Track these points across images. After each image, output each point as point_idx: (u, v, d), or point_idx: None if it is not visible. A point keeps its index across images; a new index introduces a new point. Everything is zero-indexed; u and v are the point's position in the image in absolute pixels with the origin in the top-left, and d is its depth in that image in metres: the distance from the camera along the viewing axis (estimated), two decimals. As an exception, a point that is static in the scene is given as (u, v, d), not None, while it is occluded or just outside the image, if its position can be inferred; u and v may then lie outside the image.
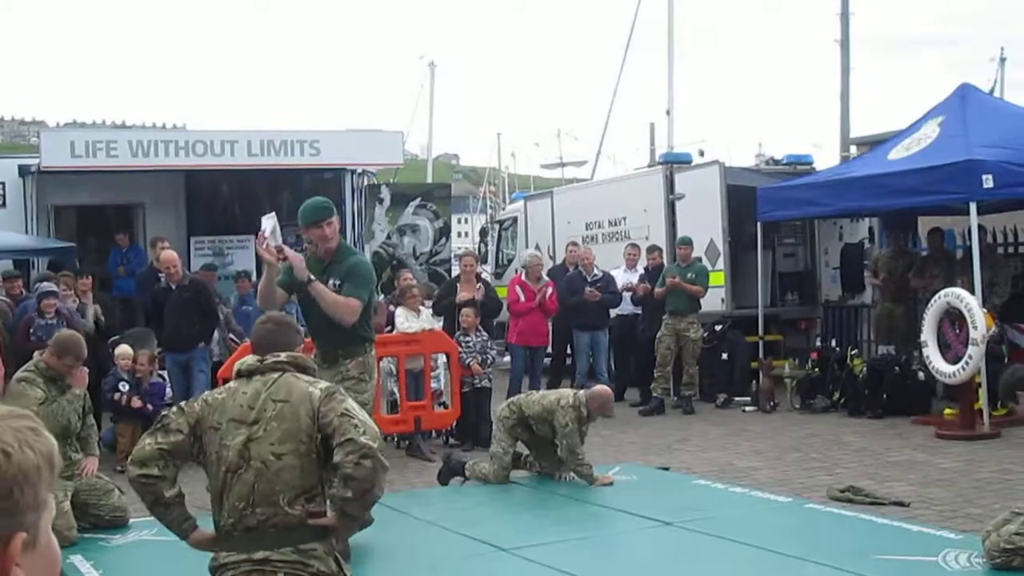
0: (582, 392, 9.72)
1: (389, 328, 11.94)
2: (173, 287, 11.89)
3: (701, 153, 18.15)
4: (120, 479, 9.60)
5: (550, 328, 14.46)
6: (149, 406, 11.46)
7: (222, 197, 18.77)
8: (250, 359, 4.72)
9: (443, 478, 9.98)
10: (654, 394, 14.48)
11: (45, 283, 11.98)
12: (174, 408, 4.78)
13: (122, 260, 16.62)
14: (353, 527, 4.92)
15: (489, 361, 12.33)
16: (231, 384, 4.72)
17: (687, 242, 14.66)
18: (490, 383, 12.39)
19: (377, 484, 4.43)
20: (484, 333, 12.41)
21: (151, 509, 4.67)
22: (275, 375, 4.60)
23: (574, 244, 16.43)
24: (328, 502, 4.56)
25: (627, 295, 15.20)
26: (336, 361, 7.28)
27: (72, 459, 8.36)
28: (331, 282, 7.28)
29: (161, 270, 13.27)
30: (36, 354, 8.63)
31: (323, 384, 4.61)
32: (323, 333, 7.40)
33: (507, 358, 13.71)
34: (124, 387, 11.21)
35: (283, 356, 4.68)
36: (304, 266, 7.26)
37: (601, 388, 10.07)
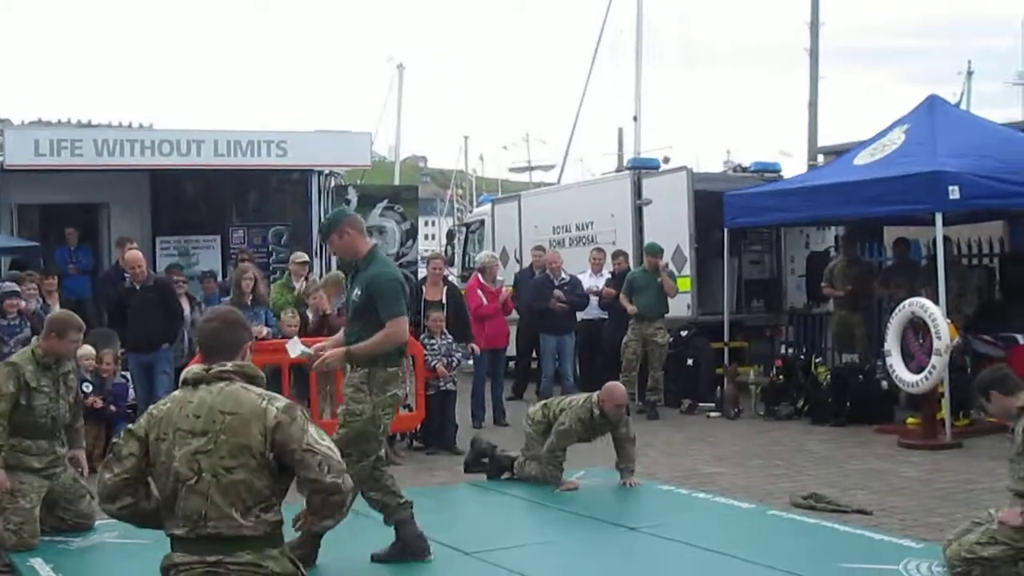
0: (596, 392, 9.72)
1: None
2: (138, 287, 11.81)
3: (666, 160, 18.22)
4: (88, 482, 9.50)
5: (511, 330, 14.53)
6: (112, 407, 11.39)
7: (188, 197, 18.65)
8: (196, 368, 4.61)
9: (470, 465, 10.38)
10: (648, 399, 14.50)
11: (7, 283, 11.86)
12: (122, 433, 4.68)
13: (71, 258, 16.47)
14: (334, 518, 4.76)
15: (455, 364, 12.31)
16: (176, 393, 4.62)
17: (657, 251, 14.61)
18: (455, 386, 12.38)
19: (346, 508, 4.51)
20: (449, 336, 12.37)
21: (146, 527, 4.65)
22: (222, 384, 4.49)
23: (539, 248, 16.48)
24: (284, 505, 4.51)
25: (593, 300, 15.22)
26: (352, 367, 7.17)
27: (57, 455, 8.20)
28: (355, 292, 7.18)
29: (126, 270, 13.19)
30: (33, 340, 8.48)
31: (279, 403, 4.46)
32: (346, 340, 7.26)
33: (471, 361, 13.67)
34: (87, 387, 11.10)
35: (229, 366, 4.54)
36: (339, 355, 7.15)
37: (612, 383, 9.94)
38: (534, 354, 16.06)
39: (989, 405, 6.75)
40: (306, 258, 13.69)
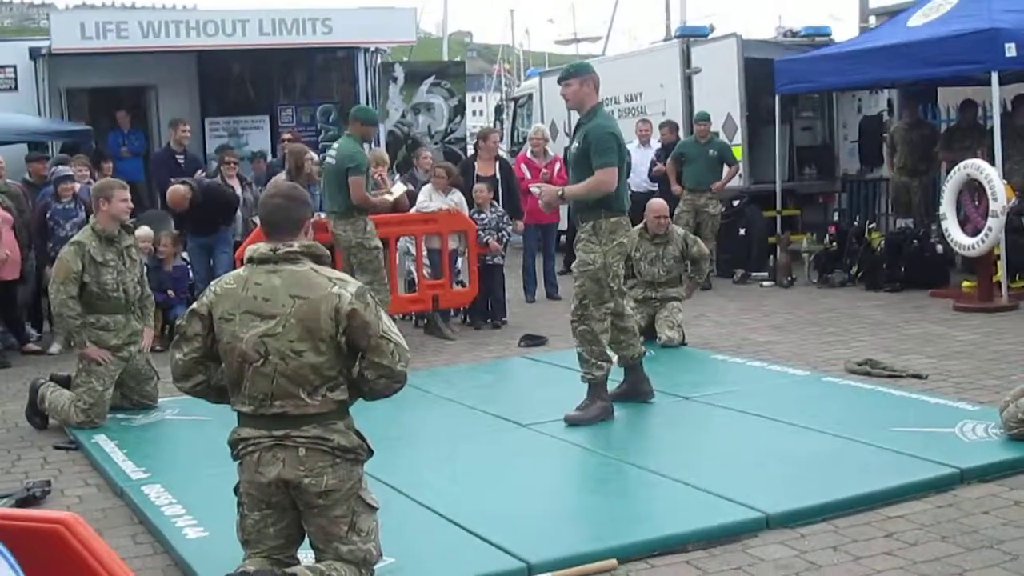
0: None
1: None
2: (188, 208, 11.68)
3: (712, 28, 17.86)
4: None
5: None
6: (170, 291, 11.50)
7: (235, 77, 18.63)
8: (262, 246, 4.52)
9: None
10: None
11: (61, 167, 11.92)
12: (185, 313, 4.69)
13: (123, 141, 16.53)
14: None
15: (505, 238, 12.28)
16: (240, 271, 4.56)
17: (705, 118, 14.49)
18: (503, 260, 12.38)
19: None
20: (499, 208, 12.33)
21: (221, 402, 4.69)
22: (290, 266, 4.43)
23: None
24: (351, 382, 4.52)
25: (642, 172, 15.09)
26: (578, 225, 7.74)
27: (135, 331, 8.38)
28: (575, 144, 7.66)
29: (177, 152, 13.23)
30: (92, 217, 8.57)
31: (350, 287, 4.39)
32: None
33: (520, 236, 13.66)
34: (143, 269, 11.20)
35: (296, 246, 4.47)
36: (552, 191, 7.86)
37: (650, 200, 11.06)
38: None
39: None
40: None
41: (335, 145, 10.81)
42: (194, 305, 4.65)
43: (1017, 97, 13.49)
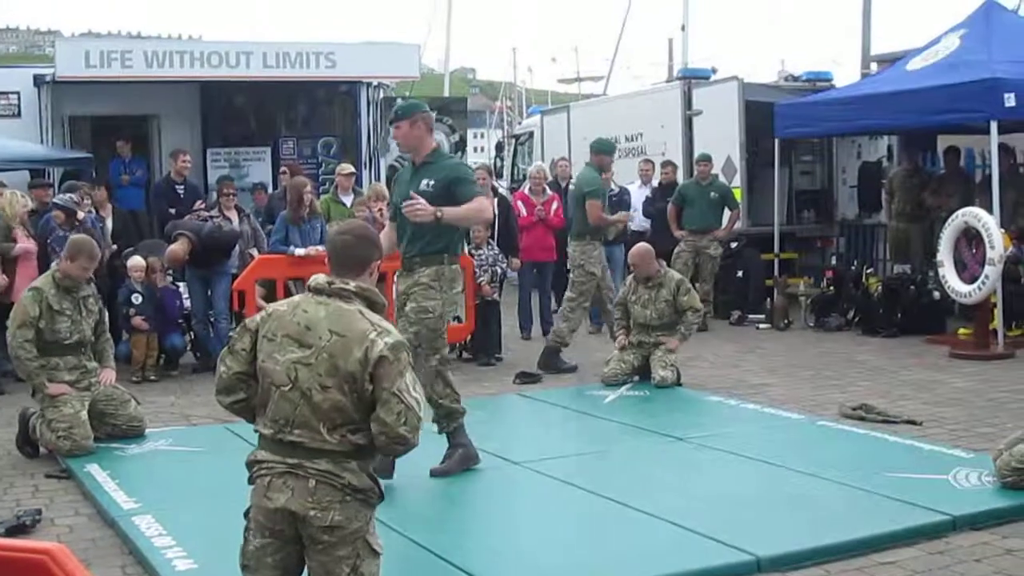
0: None
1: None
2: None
3: (714, 70, 17.95)
4: (135, 390, 9.72)
5: (556, 243, 14.39)
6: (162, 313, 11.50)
7: (238, 109, 18.66)
8: (322, 277, 4.52)
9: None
10: None
11: (62, 195, 11.94)
12: (239, 327, 4.66)
13: (124, 169, 16.57)
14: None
15: (499, 274, 12.32)
16: (296, 298, 4.59)
17: (706, 159, 14.56)
18: (499, 296, 12.41)
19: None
20: (495, 248, 12.38)
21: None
22: (339, 303, 4.40)
23: (564, 160, 16.37)
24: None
25: (638, 210, 15.13)
26: (413, 270, 7.30)
27: (88, 368, 8.44)
28: (424, 182, 7.26)
29: (177, 183, 13.25)
30: (53, 264, 8.67)
31: (389, 338, 4.32)
32: (407, 242, 7.36)
33: (516, 273, 13.66)
34: (137, 299, 11.22)
35: (352, 285, 4.44)
36: (429, 211, 7.11)
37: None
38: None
39: None
40: (352, 169, 13.66)
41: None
42: (246, 320, 4.64)
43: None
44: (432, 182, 7.22)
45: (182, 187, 13.25)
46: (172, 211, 12.63)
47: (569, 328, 11.53)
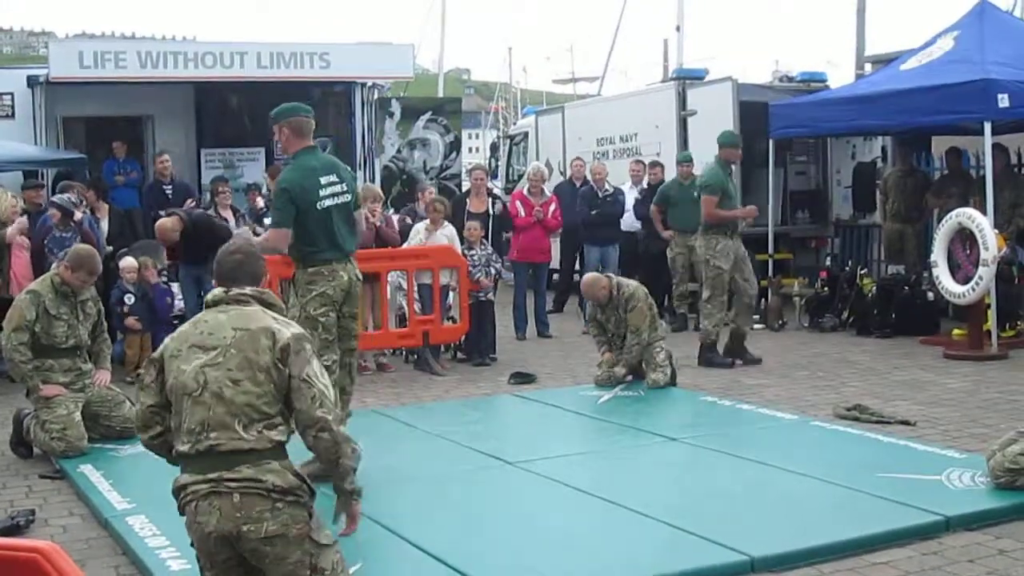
0: None
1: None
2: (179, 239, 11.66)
3: (706, 71, 17.95)
4: (131, 391, 9.68)
5: (553, 244, 14.41)
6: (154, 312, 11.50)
7: (232, 109, 18.65)
8: (218, 290, 4.57)
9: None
10: (678, 311, 14.51)
11: (57, 196, 11.93)
12: (146, 362, 4.63)
13: (118, 169, 16.54)
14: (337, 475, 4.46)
15: (493, 274, 12.32)
16: (197, 315, 4.57)
17: (687, 159, 14.59)
18: (494, 296, 12.42)
19: (342, 455, 4.30)
20: (489, 247, 12.39)
21: (176, 462, 4.51)
22: (239, 307, 4.45)
23: (579, 159, 16.45)
24: (294, 433, 4.40)
25: (630, 211, 15.16)
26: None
27: (82, 370, 8.43)
28: None
29: (164, 183, 13.17)
30: (53, 266, 8.65)
31: (293, 329, 4.41)
32: None
33: (512, 274, 13.67)
34: (130, 299, 11.22)
35: (248, 290, 4.52)
36: None
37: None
38: (576, 266, 16.07)
39: None
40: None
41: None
42: (152, 354, 4.60)
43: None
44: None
45: (170, 187, 13.19)
46: (163, 213, 12.59)
47: (712, 324, 11.57)
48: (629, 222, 15.21)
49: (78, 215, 11.41)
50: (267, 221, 10.90)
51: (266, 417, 4.27)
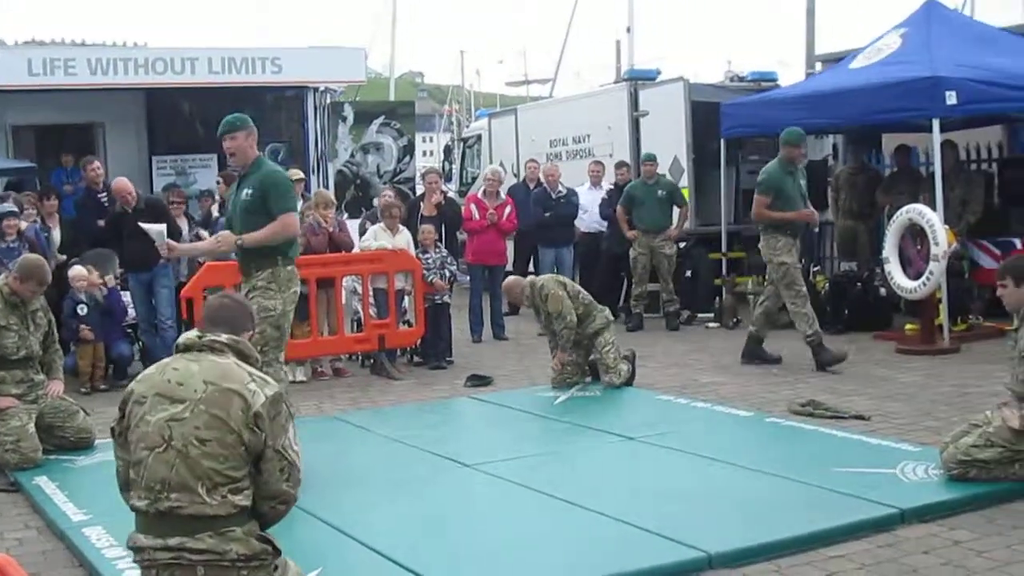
0: None
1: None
2: (130, 211, 11.66)
3: (657, 72, 18.02)
4: (85, 401, 9.65)
5: (508, 247, 14.41)
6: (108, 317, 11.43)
7: (184, 116, 18.54)
8: (192, 333, 4.43)
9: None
10: (634, 311, 14.54)
11: (5, 204, 11.81)
12: (116, 417, 4.46)
13: (67, 178, 16.40)
14: None
15: (448, 276, 12.30)
16: (165, 360, 4.42)
17: (651, 159, 14.64)
18: (450, 299, 12.41)
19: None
20: (443, 249, 12.38)
21: None
22: (212, 356, 4.29)
23: (533, 161, 16.49)
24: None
25: (593, 212, 15.21)
26: (250, 274, 7.43)
27: (35, 381, 8.36)
28: (245, 192, 7.45)
29: (97, 191, 12.98)
30: (1, 277, 8.57)
31: (269, 389, 4.22)
32: (240, 251, 7.56)
33: (468, 277, 13.66)
34: (82, 309, 11.13)
35: (224, 337, 4.36)
36: (222, 242, 7.59)
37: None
38: (531, 268, 16.09)
39: (1005, 291, 6.74)
40: (301, 175, 13.58)
41: None
42: (119, 404, 4.45)
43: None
44: (250, 191, 7.43)
45: (104, 195, 12.93)
46: (100, 222, 12.36)
47: (807, 323, 11.06)
48: (589, 222, 15.26)
49: (23, 224, 11.32)
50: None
51: (231, 481, 4.12)
